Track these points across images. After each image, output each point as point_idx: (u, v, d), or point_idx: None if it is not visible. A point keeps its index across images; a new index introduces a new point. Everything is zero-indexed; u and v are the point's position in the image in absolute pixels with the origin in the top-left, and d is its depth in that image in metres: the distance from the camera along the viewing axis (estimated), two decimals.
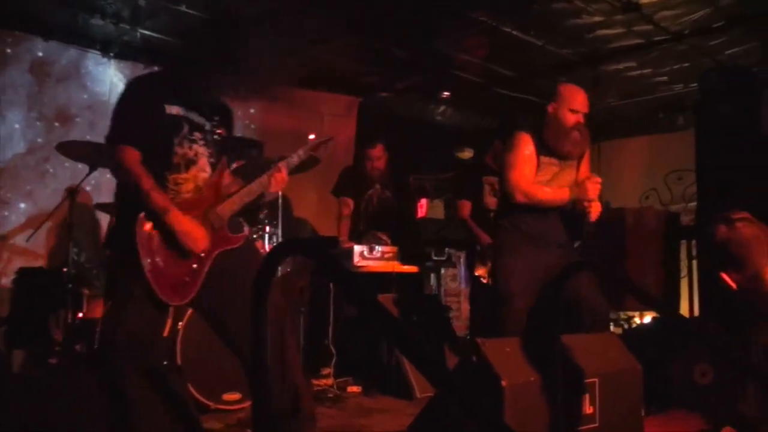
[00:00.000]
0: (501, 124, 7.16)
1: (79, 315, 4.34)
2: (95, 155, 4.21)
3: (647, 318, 5.57)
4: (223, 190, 2.70)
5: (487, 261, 4.64)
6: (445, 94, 6.89)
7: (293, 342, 2.79)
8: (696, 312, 5.05)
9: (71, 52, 5.29)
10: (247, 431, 3.39)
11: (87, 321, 4.31)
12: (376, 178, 5.24)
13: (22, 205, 5.03)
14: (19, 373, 4.24)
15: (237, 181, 2.79)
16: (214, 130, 2.69)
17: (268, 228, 4.67)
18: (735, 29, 5.19)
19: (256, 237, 4.61)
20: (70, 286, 4.27)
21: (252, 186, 2.70)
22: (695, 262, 5.18)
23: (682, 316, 3.92)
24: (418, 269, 5.11)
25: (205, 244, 2.53)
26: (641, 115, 7.25)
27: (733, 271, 2.85)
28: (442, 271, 5.92)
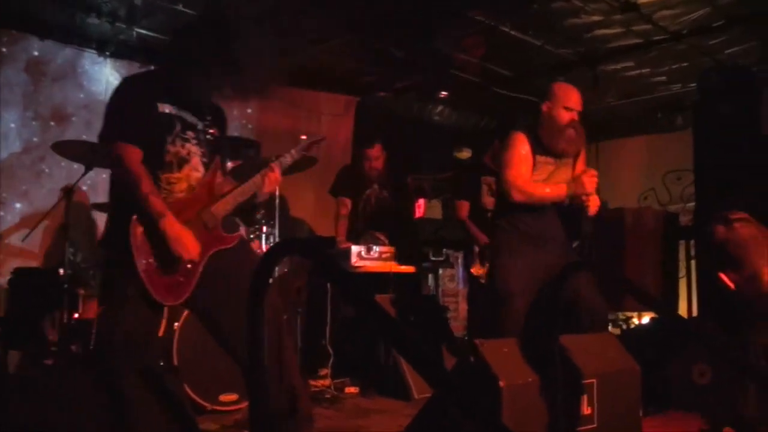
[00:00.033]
0: (499, 124, 7.15)
1: (75, 315, 4.34)
2: (91, 155, 4.21)
3: (646, 318, 5.56)
4: (217, 189, 2.69)
5: (486, 261, 4.63)
6: (443, 93, 6.88)
7: (290, 342, 2.78)
8: (694, 312, 5.05)
9: (67, 51, 5.28)
10: None
11: (83, 321, 4.31)
12: (374, 178, 5.23)
13: (17, 205, 5.02)
14: (15, 374, 4.23)
15: (230, 181, 2.79)
16: (206, 129, 2.68)
17: (265, 228, 4.65)
18: (734, 28, 5.19)
19: (252, 237, 4.59)
20: (65, 286, 4.27)
21: (245, 186, 2.70)
22: (694, 262, 5.17)
23: (680, 316, 3.91)
24: (415, 269, 5.10)
25: (196, 253, 2.52)
26: (640, 115, 7.25)
27: (732, 272, 2.85)
28: (439, 272, 5.92)
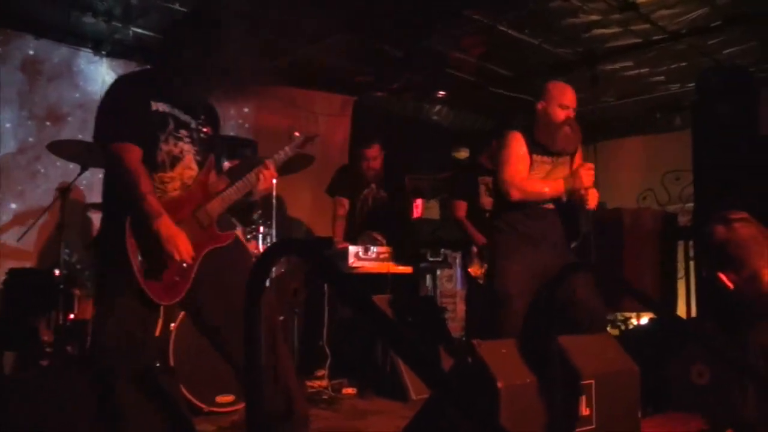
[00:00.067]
0: (497, 123, 7.13)
1: (71, 316, 4.33)
2: (87, 155, 4.20)
3: (644, 319, 5.56)
4: (211, 188, 2.69)
5: (485, 261, 4.61)
6: (441, 93, 6.87)
7: (284, 343, 2.76)
8: (693, 313, 5.04)
9: (63, 50, 5.26)
10: None
11: (78, 322, 4.30)
12: (371, 178, 5.21)
13: (12, 206, 5.00)
14: (10, 375, 4.20)
15: (225, 180, 2.78)
16: (199, 127, 2.67)
17: (261, 228, 4.63)
18: (733, 29, 5.18)
19: (249, 237, 4.57)
20: (61, 287, 4.26)
21: (239, 183, 2.70)
22: (692, 262, 5.16)
23: (679, 317, 3.90)
24: (413, 270, 5.07)
25: (189, 254, 2.49)
26: (638, 115, 7.25)
27: (731, 272, 2.83)
28: (437, 272, 5.90)
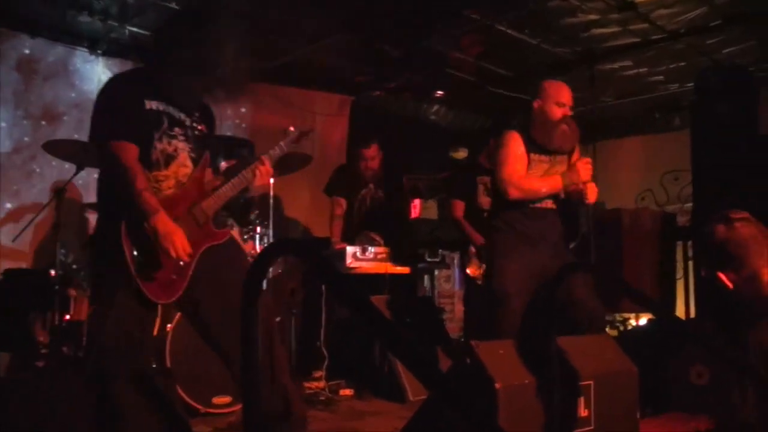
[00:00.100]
0: (496, 123, 7.12)
1: (66, 317, 4.32)
2: (83, 154, 4.19)
3: (643, 320, 5.54)
4: (207, 185, 2.67)
5: (483, 262, 4.59)
6: (439, 93, 6.85)
7: (281, 344, 2.74)
8: (692, 313, 5.03)
9: (59, 49, 5.25)
10: None
11: (74, 323, 4.29)
12: (369, 178, 5.20)
13: (8, 205, 4.99)
14: (5, 377, 4.18)
15: (220, 178, 2.77)
16: (194, 125, 2.66)
17: (259, 228, 4.61)
18: (732, 28, 5.18)
19: (246, 238, 4.56)
20: (56, 287, 4.24)
21: (235, 180, 2.69)
22: (691, 263, 5.15)
23: (678, 317, 3.88)
24: (411, 271, 5.06)
25: (187, 251, 2.48)
26: (637, 115, 7.24)
27: (731, 271, 2.81)
28: (435, 273, 5.88)
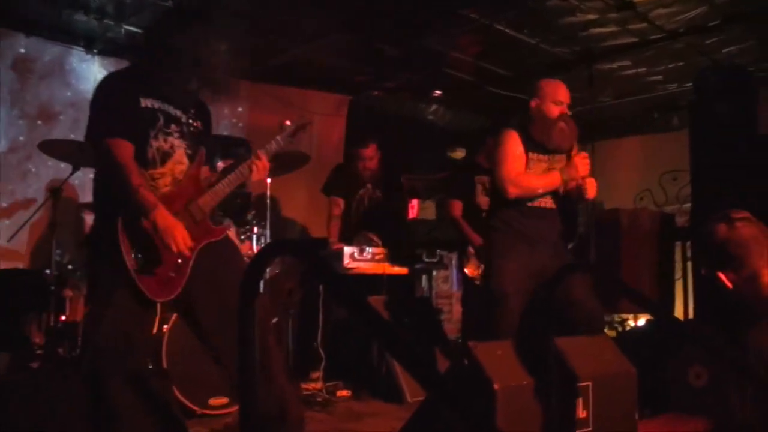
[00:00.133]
0: (494, 123, 7.10)
1: (62, 318, 4.31)
2: (79, 154, 4.17)
3: (641, 320, 5.52)
4: (203, 182, 2.66)
5: (482, 262, 4.57)
6: (437, 93, 6.84)
7: (277, 344, 2.73)
8: (691, 314, 5.02)
9: (54, 48, 5.22)
10: None
11: (69, 324, 4.28)
12: (367, 178, 5.18)
13: (4, 205, 4.96)
14: (0, 378, 4.15)
15: (216, 175, 2.75)
16: (190, 122, 2.64)
17: (256, 229, 4.60)
18: (731, 27, 5.17)
19: (243, 238, 4.54)
20: (52, 288, 4.22)
21: (232, 176, 2.67)
22: (690, 263, 5.14)
23: (676, 318, 3.87)
24: (409, 271, 5.05)
25: (188, 244, 2.47)
26: (636, 115, 7.23)
27: (730, 271, 2.80)
28: (433, 273, 5.87)
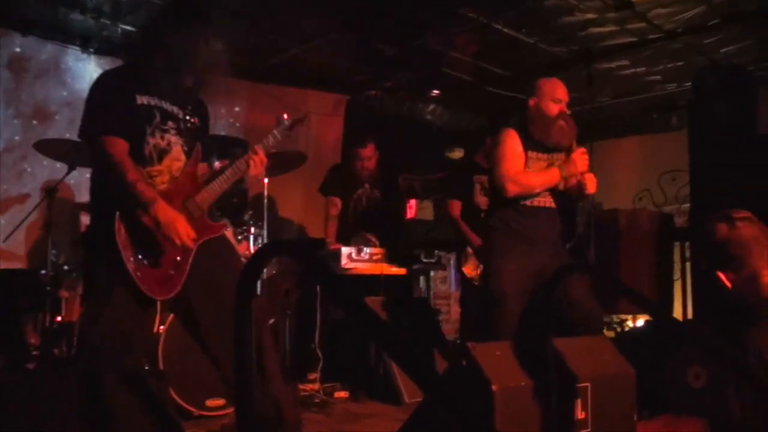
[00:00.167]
0: (492, 122, 7.10)
1: (58, 318, 4.30)
2: (74, 154, 4.17)
3: (640, 321, 5.52)
4: (200, 178, 2.65)
5: (480, 263, 4.56)
6: (435, 92, 6.83)
7: (272, 345, 2.71)
8: (690, 314, 5.01)
9: (50, 47, 5.20)
10: None
11: (65, 324, 4.26)
12: (365, 177, 5.17)
13: None
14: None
15: (213, 171, 2.74)
16: (187, 118, 2.63)
17: (253, 229, 4.58)
18: (730, 27, 5.16)
19: (240, 238, 4.52)
20: (48, 288, 4.21)
21: (229, 172, 2.66)
22: (689, 264, 5.13)
23: (675, 318, 3.86)
24: (406, 272, 5.04)
25: (191, 237, 2.46)
26: (634, 115, 7.23)
27: (730, 271, 2.79)
28: (431, 274, 5.85)
